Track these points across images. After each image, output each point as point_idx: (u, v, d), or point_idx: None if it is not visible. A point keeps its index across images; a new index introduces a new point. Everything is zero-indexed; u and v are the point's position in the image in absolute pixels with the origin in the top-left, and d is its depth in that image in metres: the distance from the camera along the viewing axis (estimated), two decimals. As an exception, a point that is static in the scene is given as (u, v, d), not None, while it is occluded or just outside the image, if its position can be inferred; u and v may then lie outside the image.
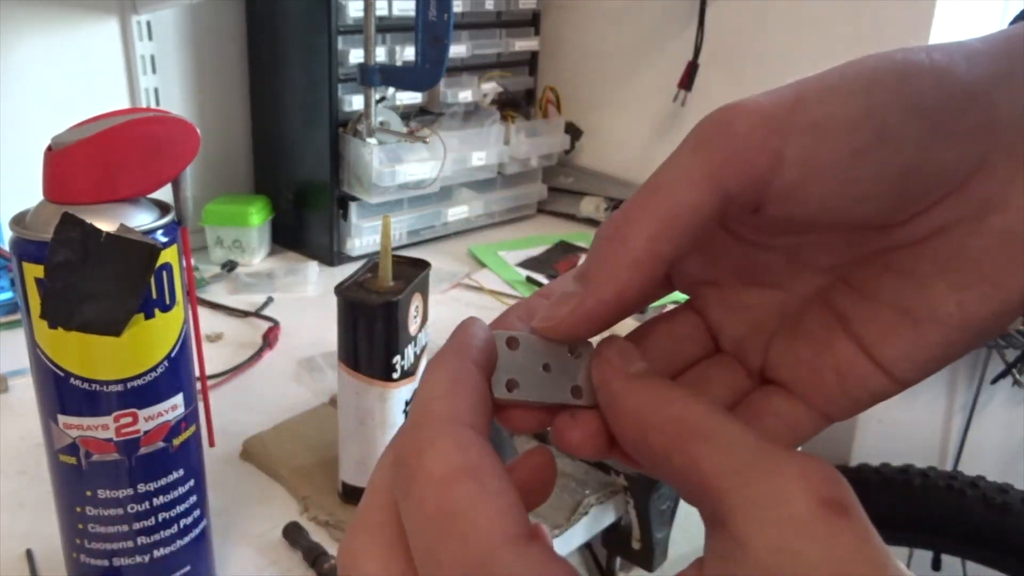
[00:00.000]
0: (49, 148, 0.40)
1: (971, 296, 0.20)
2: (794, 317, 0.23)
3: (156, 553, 0.46)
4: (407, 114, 1.09)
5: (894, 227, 0.21)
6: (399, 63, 1.04)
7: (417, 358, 0.59)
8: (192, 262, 0.46)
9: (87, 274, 0.39)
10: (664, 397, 0.19)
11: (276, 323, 0.89)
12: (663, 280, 0.22)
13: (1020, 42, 0.20)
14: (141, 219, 0.41)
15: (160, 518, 0.45)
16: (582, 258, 0.26)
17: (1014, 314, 0.21)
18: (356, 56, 1.00)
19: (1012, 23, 0.22)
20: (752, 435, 0.17)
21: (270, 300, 0.96)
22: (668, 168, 0.20)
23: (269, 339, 0.85)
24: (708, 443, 0.17)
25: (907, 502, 1.01)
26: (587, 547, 0.93)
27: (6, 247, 0.58)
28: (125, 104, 1.03)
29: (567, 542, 0.60)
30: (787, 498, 0.16)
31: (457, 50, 1.12)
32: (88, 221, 0.38)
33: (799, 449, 0.19)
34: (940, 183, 0.20)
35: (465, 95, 1.13)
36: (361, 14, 0.97)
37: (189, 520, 0.47)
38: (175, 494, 0.46)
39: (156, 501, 0.45)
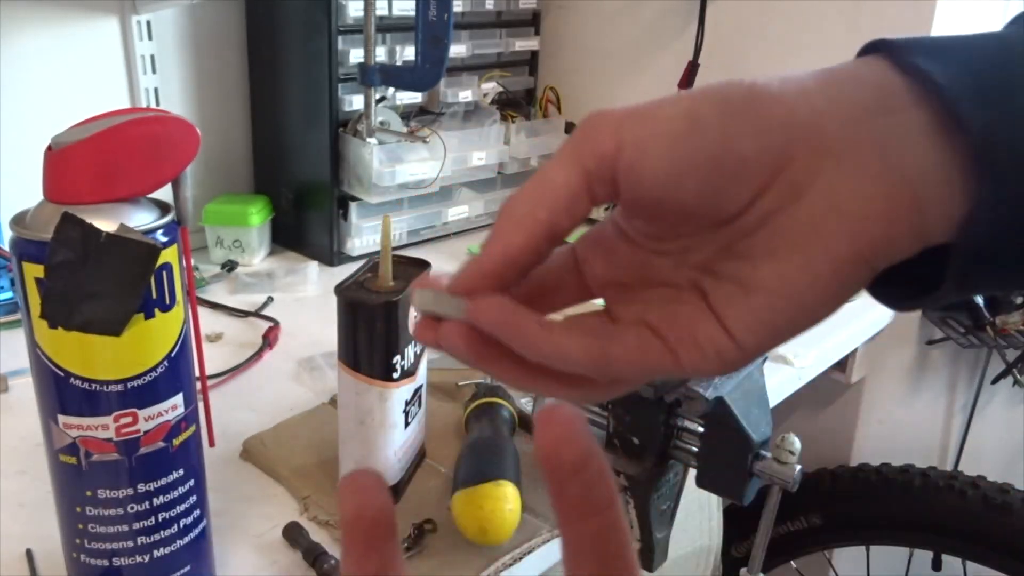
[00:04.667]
0: (49, 148, 0.40)
1: (788, 268, 0.25)
2: (674, 301, 0.28)
3: (156, 553, 0.46)
4: (407, 114, 1.09)
5: (734, 219, 0.26)
6: (399, 63, 1.04)
7: (417, 358, 0.59)
8: (192, 262, 0.46)
9: (87, 274, 0.39)
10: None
11: (276, 323, 0.89)
12: (549, 252, 0.27)
13: (835, 69, 0.25)
14: (141, 219, 0.41)
15: (160, 518, 0.45)
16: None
17: (827, 286, 0.25)
18: (356, 56, 1.00)
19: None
20: None
21: (270, 300, 0.96)
22: (547, 162, 0.26)
23: (269, 339, 0.85)
24: None
25: (907, 502, 1.01)
26: (587, 547, 0.93)
27: (6, 247, 0.59)
28: (125, 104, 1.03)
29: (567, 542, 0.60)
30: None
31: (457, 50, 1.12)
32: (88, 221, 0.38)
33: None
34: (747, 171, 0.25)
35: (465, 95, 1.13)
36: (361, 14, 0.97)
37: (189, 520, 0.47)
38: (175, 494, 0.46)
39: (156, 501, 0.45)
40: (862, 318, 1.00)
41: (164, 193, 0.44)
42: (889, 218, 0.24)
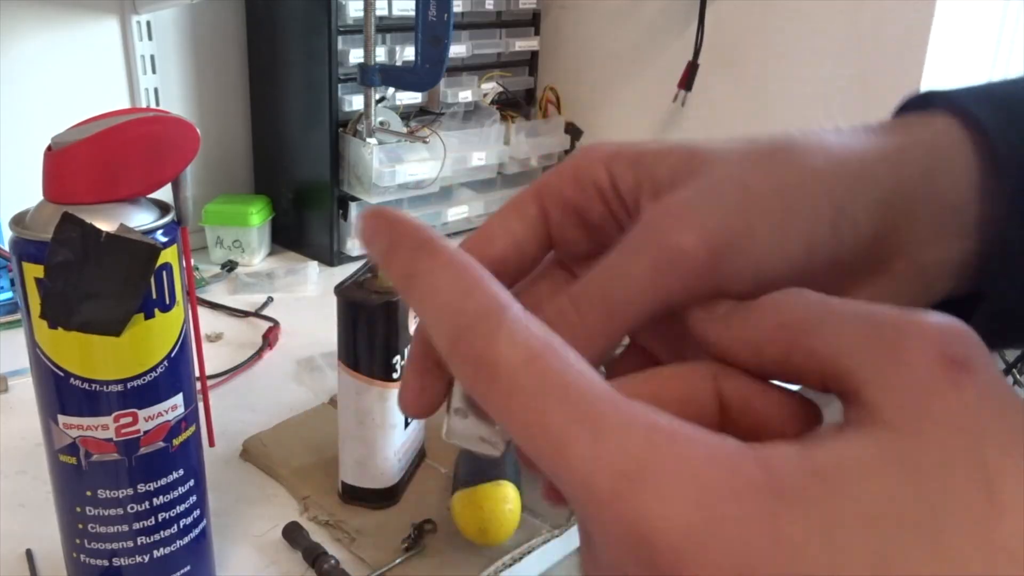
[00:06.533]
0: (49, 148, 0.40)
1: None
2: None
3: (156, 553, 0.46)
4: (407, 114, 1.09)
5: None
6: (399, 63, 1.04)
7: (417, 358, 0.59)
8: (192, 262, 0.46)
9: (87, 274, 0.39)
10: (761, 305, 0.20)
11: (276, 323, 0.89)
12: None
13: (913, 169, 0.23)
14: (141, 219, 0.41)
15: (160, 518, 0.45)
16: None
17: None
18: (356, 56, 1.00)
19: (897, 112, 0.26)
20: (861, 306, 0.18)
21: (270, 300, 0.96)
22: (622, 283, 0.21)
23: (269, 339, 0.85)
24: (821, 332, 0.18)
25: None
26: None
27: (6, 247, 0.59)
28: (125, 104, 1.03)
29: (567, 542, 0.60)
30: (910, 362, 0.17)
31: (457, 50, 1.12)
32: (88, 221, 0.38)
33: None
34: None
35: (465, 95, 1.13)
36: (361, 14, 0.97)
37: (189, 520, 0.47)
38: (175, 494, 0.46)
39: (156, 501, 0.45)
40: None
41: (164, 193, 0.44)
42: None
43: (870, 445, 0.16)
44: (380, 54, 1.01)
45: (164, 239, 0.41)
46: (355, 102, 1.02)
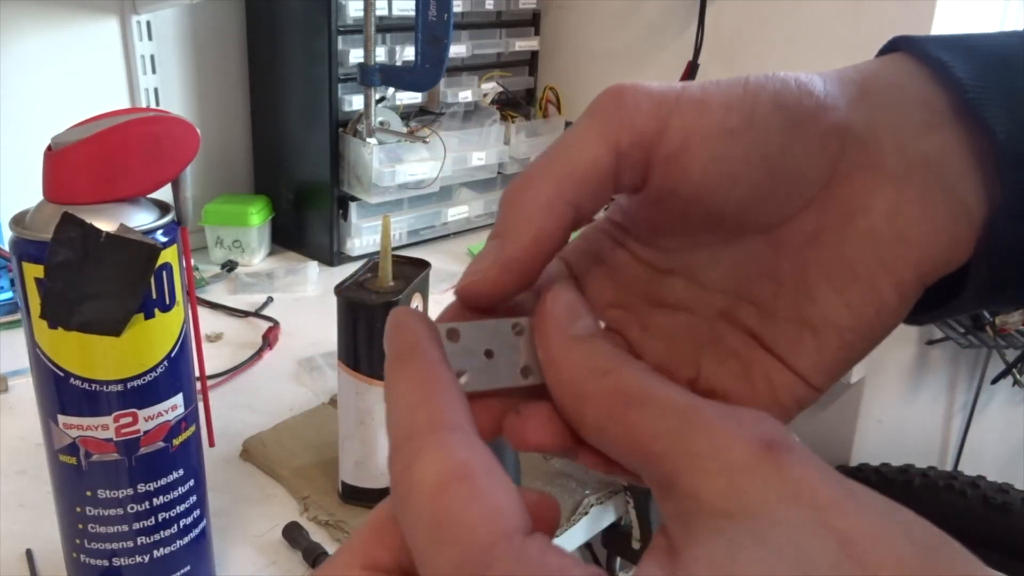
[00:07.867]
0: (49, 148, 0.40)
1: (854, 297, 0.23)
2: (711, 335, 0.25)
3: (156, 553, 0.46)
4: (407, 114, 1.09)
5: (772, 231, 0.23)
6: (399, 63, 1.04)
7: (417, 358, 0.59)
8: (192, 262, 0.46)
9: (87, 274, 0.39)
10: (599, 366, 0.20)
11: (276, 323, 0.89)
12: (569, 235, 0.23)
13: (870, 74, 0.23)
14: (141, 219, 0.41)
15: (160, 518, 0.45)
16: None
17: (893, 313, 0.23)
18: (356, 56, 1.00)
19: (879, 55, 0.25)
20: (682, 395, 0.18)
21: (270, 300, 0.96)
22: (568, 134, 0.22)
23: (269, 339, 0.85)
24: (641, 409, 0.18)
25: (907, 502, 1.00)
26: (587, 547, 0.93)
27: (6, 247, 0.59)
28: (125, 104, 1.03)
29: (567, 542, 0.60)
30: (727, 447, 0.17)
31: (457, 50, 1.12)
32: (88, 221, 0.38)
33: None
34: (800, 181, 0.22)
35: (465, 95, 1.13)
36: (361, 14, 0.97)
37: (189, 520, 0.47)
38: (175, 494, 0.46)
39: (156, 501, 0.45)
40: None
41: (164, 193, 0.44)
42: (954, 243, 0.23)
43: (717, 549, 0.15)
44: (380, 54, 1.01)
45: (164, 239, 0.41)
46: (355, 102, 1.02)
